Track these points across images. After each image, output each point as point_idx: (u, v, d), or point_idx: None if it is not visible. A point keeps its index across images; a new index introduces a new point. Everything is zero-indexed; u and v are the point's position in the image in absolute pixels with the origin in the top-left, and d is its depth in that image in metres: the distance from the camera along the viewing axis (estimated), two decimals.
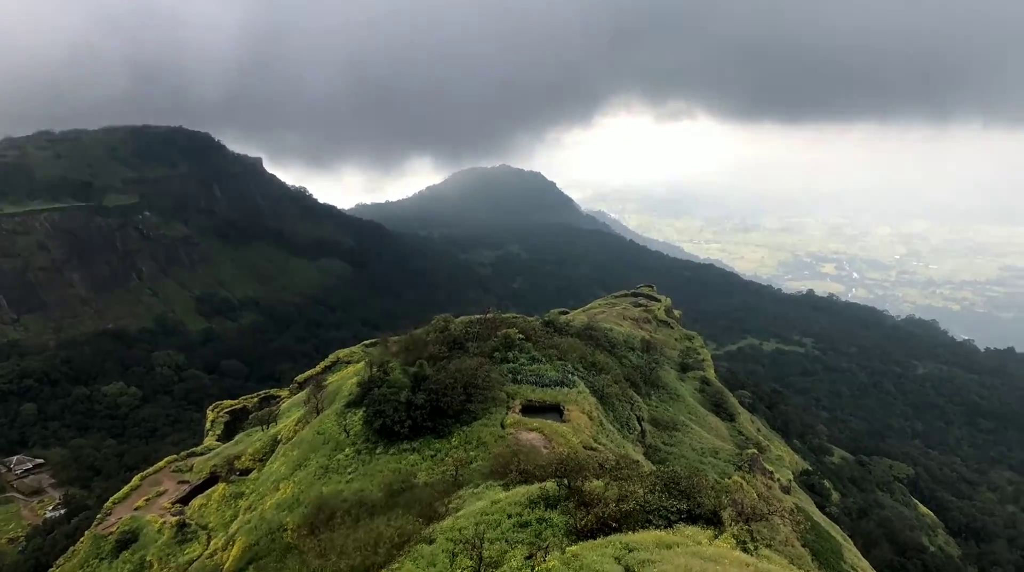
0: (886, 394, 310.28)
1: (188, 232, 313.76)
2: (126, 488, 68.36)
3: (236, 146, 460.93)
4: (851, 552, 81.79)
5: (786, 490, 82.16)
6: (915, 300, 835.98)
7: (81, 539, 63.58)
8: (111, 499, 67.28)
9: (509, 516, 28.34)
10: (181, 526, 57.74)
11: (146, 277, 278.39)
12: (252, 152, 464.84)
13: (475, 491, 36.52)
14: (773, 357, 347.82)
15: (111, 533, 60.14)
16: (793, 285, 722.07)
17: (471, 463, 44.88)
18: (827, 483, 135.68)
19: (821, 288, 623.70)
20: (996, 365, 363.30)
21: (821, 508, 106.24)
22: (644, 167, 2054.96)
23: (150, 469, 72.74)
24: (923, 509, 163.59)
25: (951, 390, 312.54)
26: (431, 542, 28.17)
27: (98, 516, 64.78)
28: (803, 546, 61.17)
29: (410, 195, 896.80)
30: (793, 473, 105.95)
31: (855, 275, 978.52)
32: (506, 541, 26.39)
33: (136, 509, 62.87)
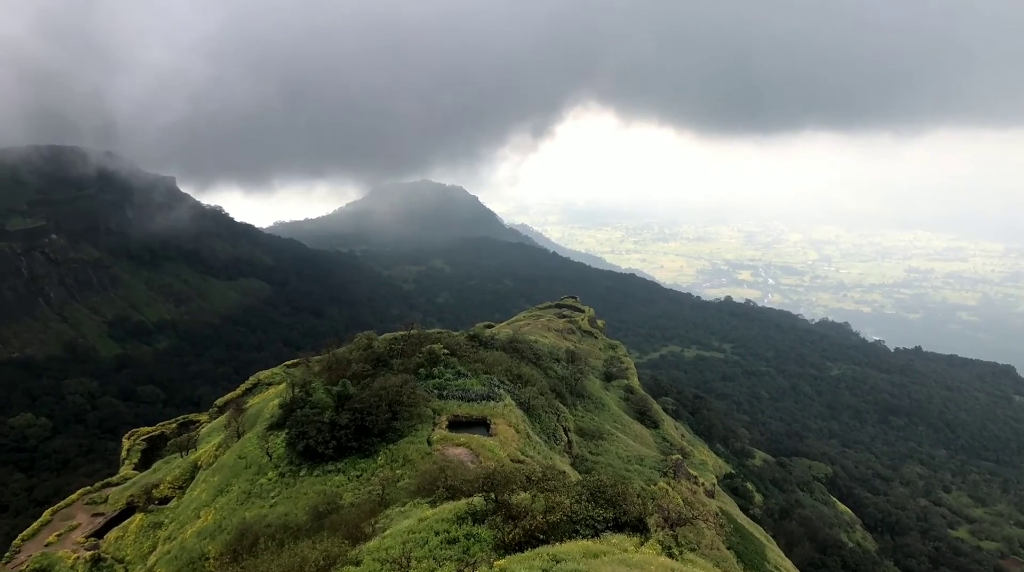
0: (803, 396, 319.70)
1: (98, 255, 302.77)
2: (36, 524, 65.23)
3: (148, 165, 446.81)
4: (774, 552, 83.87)
5: (710, 494, 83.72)
6: (828, 303, 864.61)
7: None
8: (20, 536, 64.01)
9: (436, 533, 28.18)
10: (96, 561, 55.47)
11: (54, 302, 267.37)
12: (165, 171, 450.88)
13: (402, 509, 36.23)
14: (694, 363, 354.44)
15: None
16: (712, 292, 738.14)
17: (398, 481, 44.54)
18: (750, 485, 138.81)
19: (738, 294, 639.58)
20: (905, 364, 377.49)
21: (744, 510, 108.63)
22: (571, 182, 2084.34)
23: (62, 503, 69.60)
24: (841, 507, 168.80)
25: (864, 390, 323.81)
26: (358, 563, 27.77)
27: (6, 555, 61.63)
28: (728, 548, 62.52)
29: (330, 212, 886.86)
30: (717, 477, 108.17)
31: (770, 281, 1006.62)
32: (434, 558, 26.23)
33: (47, 545, 60.06)
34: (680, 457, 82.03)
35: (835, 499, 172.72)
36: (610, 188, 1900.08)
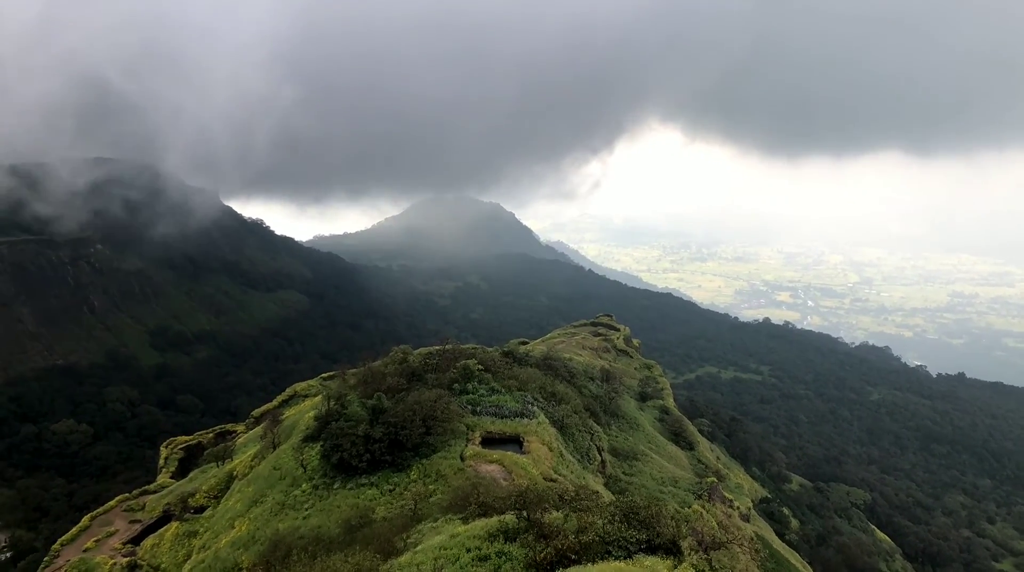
0: (842, 420, 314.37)
1: (142, 265, 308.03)
2: (75, 529, 66.30)
3: (191, 177, 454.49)
4: None
5: (745, 518, 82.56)
6: (868, 327, 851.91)
7: None
8: (59, 541, 65.11)
9: (468, 550, 28.09)
10: (132, 567, 56.20)
11: (98, 311, 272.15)
12: (208, 183, 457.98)
13: (434, 525, 36.18)
14: (731, 385, 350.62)
15: None
16: (750, 313, 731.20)
17: (430, 497, 44.53)
18: (786, 510, 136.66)
19: (777, 316, 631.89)
20: (948, 390, 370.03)
21: (780, 536, 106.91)
22: (611, 199, 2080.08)
23: (100, 509, 70.72)
24: (880, 535, 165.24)
25: (905, 416, 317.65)
26: None
27: (45, 559, 62.69)
28: None
29: (369, 226, 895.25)
30: (752, 501, 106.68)
31: (810, 303, 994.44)
32: None
33: (85, 551, 60.99)
34: (715, 480, 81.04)
35: (874, 527, 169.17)
36: (650, 206, 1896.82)
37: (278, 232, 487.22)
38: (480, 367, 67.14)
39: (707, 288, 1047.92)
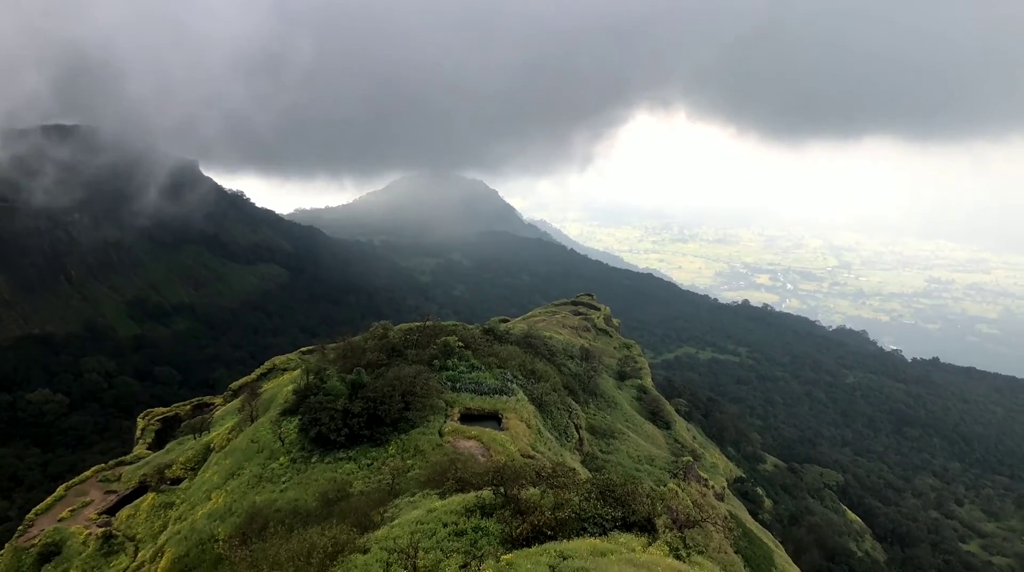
0: (817, 402, 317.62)
1: (120, 235, 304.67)
2: (50, 499, 65.94)
3: (171, 148, 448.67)
4: (782, 558, 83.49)
5: (720, 497, 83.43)
6: (846, 311, 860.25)
7: (1, 552, 61.27)
8: (33, 510, 64.73)
9: (445, 525, 28.20)
10: (107, 537, 56.01)
11: (75, 281, 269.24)
12: (188, 154, 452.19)
13: (411, 500, 36.30)
14: (709, 365, 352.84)
15: (33, 545, 58.01)
16: (729, 295, 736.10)
17: (408, 472, 44.65)
18: (760, 490, 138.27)
19: (756, 298, 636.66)
20: (922, 374, 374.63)
21: (754, 515, 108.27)
22: (597, 180, 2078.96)
23: (76, 479, 70.28)
24: (851, 515, 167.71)
25: (879, 399, 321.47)
26: (365, 552, 27.83)
27: (19, 528, 62.38)
28: (736, 552, 62.14)
29: (350, 201, 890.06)
30: (727, 480, 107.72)
31: (789, 286, 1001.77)
32: (441, 550, 26.25)
33: (60, 520, 60.73)
34: (691, 459, 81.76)
35: (845, 507, 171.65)
36: (634, 187, 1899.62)
37: (258, 204, 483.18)
38: (460, 344, 67.13)
39: (687, 269, 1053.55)
